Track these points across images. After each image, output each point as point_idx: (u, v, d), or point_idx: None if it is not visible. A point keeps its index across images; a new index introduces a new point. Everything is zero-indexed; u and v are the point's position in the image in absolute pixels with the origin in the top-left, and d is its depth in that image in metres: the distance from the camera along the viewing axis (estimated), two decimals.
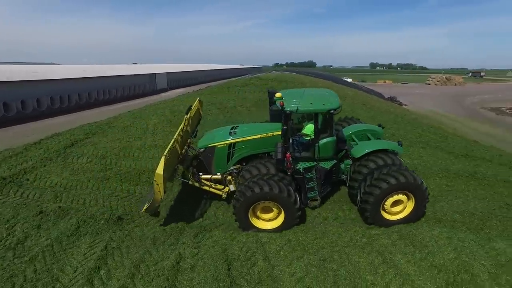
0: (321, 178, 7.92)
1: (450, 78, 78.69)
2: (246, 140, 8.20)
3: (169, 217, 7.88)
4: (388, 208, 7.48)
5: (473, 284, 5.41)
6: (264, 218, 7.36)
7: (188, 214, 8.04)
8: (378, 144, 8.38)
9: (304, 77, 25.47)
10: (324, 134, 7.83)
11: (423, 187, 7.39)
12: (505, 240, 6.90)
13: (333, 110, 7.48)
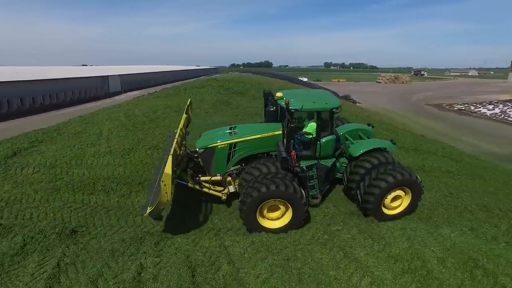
0: (321, 176, 8.10)
1: (398, 77, 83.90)
2: (246, 140, 8.09)
3: (128, 226, 7.54)
4: (388, 204, 7.84)
5: (425, 270, 5.80)
6: (271, 217, 7.29)
7: (147, 221, 7.73)
8: (374, 143, 8.66)
9: (261, 77, 25.73)
10: (324, 132, 8.01)
11: (418, 181, 7.85)
12: (450, 226, 7.51)
13: (335, 108, 7.80)
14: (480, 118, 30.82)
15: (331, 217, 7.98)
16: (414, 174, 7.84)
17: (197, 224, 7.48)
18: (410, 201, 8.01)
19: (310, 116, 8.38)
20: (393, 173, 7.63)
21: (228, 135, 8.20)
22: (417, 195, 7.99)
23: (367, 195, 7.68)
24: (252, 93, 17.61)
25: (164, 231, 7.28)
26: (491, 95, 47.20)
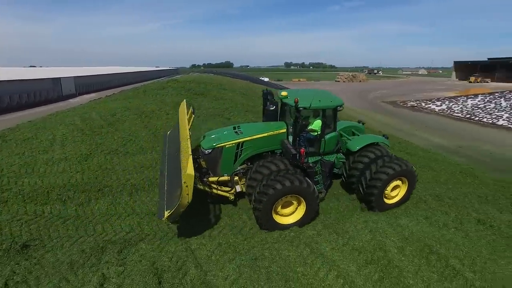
0: (325, 171, 8.34)
1: (356, 76, 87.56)
2: (253, 139, 8.10)
3: (88, 236, 7.14)
4: (388, 194, 8.42)
5: (386, 259, 6.10)
6: (284, 213, 7.39)
7: (109, 229, 7.38)
8: (370, 138, 9.16)
9: (222, 77, 25.58)
10: (328, 129, 8.37)
11: (413, 170, 8.52)
12: (407, 216, 7.94)
13: (339, 106, 8.22)
14: (430, 114, 32.93)
15: None
16: (410, 164, 8.49)
17: (162, 229, 7.26)
18: (406, 189, 8.68)
19: (315, 114, 8.60)
20: (392, 165, 8.16)
21: (235, 135, 8.16)
22: (412, 183, 8.65)
23: (370, 188, 8.14)
24: (214, 93, 17.44)
25: (127, 238, 6.99)
26: (438, 92, 50.62)
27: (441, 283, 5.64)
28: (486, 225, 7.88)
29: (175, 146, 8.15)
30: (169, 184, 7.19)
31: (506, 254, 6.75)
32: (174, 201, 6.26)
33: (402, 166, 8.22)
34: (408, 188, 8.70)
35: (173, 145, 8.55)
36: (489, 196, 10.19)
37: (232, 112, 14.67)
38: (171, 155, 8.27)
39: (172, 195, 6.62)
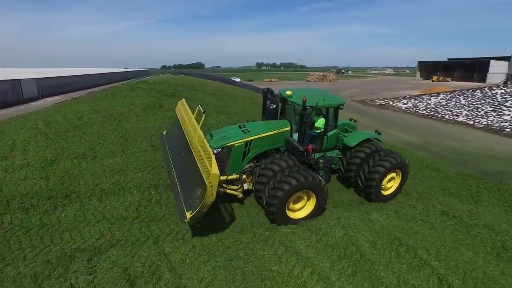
0: (327, 166, 8.72)
1: (326, 75, 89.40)
2: (261, 137, 8.21)
3: (54, 245, 6.77)
4: (384, 186, 9.00)
5: (359, 254, 6.26)
6: (295, 208, 7.64)
7: (77, 236, 7.05)
8: (365, 134, 9.62)
9: (194, 78, 25.30)
10: (330, 127, 8.84)
11: (406, 163, 9.14)
12: (378, 211, 8.21)
13: (341, 105, 8.77)
14: (397, 111, 34.20)
15: None
16: (403, 158, 9.08)
17: (134, 234, 7.04)
18: (400, 180, 9.27)
19: (318, 113, 8.88)
20: (388, 158, 8.71)
21: (242, 133, 8.20)
22: (405, 175, 9.29)
23: (369, 181, 8.62)
24: (185, 95, 17.17)
25: (97, 245, 6.72)
26: (404, 91, 52.66)
27: (410, 273, 5.88)
28: (449, 216, 8.31)
29: (179, 146, 8.12)
30: (183, 185, 7.08)
31: (467, 242, 7.16)
32: (195, 202, 6.17)
33: (397, 159, 8.80)
34: (402, 180, 9.29)
35: (176, 145, 8.46)
36: (452, 189, 10.73)
37: (205, 112, 14.55)
38: (176, 154, 8.21)
39: (191, 196, 6.49)
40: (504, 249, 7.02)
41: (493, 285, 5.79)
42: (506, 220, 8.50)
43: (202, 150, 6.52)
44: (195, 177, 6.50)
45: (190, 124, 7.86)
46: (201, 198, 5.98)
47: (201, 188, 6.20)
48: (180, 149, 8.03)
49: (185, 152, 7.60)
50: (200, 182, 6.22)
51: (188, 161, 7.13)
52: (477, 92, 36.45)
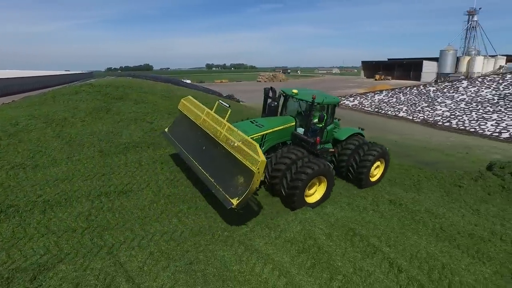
0: (326, 157, 9.89)
1: (276, 75, 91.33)
2: (274, 131, 8.94)
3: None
4: (372, 173, 10.36)
5: (316, 246, 6.48)
6: (309, 194, 8.56)
7: (16, 254, 6.38)
8: (353, 130, 10.79)
9: (142, 81, 24.24)
10: (329, 122, 9.85)
11: (388, 153, 10.69)
12: (332, 204, 8.55)
13: (338, 103, 10.06)
14: (345, 109, 35.95)
15: (230, 211, 8.05)
16: (385, 148, 10.58)
17: (85, 245, 6.58)
18: (383, 168, 10.77)
19: (320, 109, 9.75)
20: (374, 149, 10.15)
21: (258, 128, 8.78)
22: (387, 163, 10.85)
23: (360, 169, 9.88)
24: (133, 97, 16.42)
25: (42, 261, 6.17)
26: (351, 89, 55.56)
27: (364, 260, 6.22)
28: (396, 204, 8.92)
29: (195, 140, 8.48)
30: (217, 176, 7.31)
31: (412, 227, 7.76)
32: (239, 189, 6.61)
33: (382, 149, 10.32)
34: (385, 167, 10.82)
35: (191, 140, 8.72)
36: (397, 179, 11.53)
37: (154, 115, 14.03)
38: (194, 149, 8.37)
39: (231, 185, 6.85)
40: (442, 230, 7.73)
41: (434, 263, 6.35)
42: (442, 204, 9.34)
43: (241, 141, 6.91)
44: (233, 167, 6.94)
45: (212, 119, 8.17)
46: (247, 184, 6.48)
47: (244, 176, 6.66)
48: (197, 143, 8.38)
49: (205, 146, 8.07)
50: (241, 171, 6.70)
51: (217, 153, 7.56)
52: (414, 89, 39.56)
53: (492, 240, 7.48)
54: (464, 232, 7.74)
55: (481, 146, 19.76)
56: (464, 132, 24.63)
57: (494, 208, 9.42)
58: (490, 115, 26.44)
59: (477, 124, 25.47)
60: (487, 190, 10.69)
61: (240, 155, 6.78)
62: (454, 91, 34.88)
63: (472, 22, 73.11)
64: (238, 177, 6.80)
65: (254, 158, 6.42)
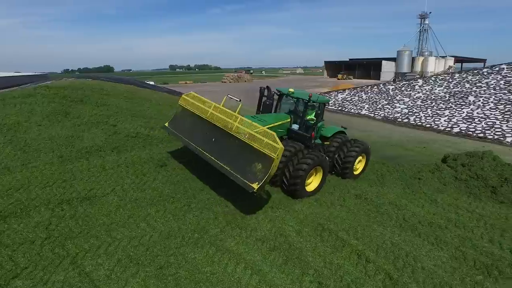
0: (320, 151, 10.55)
1: (241, 76, 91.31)
2: (275, 126, 9.49)
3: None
4: (355, 167, 11.22)
5: (287, 243, 6.58)
6: (308, 183, 9.14)
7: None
8: (337, 128, 11.68)
9: (103, 82, 23.23)
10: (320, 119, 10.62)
11: (369, 149, 11.66)
12: (301, 202, 8.72)
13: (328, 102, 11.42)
14: None
15: (200, 213, 7.94)
16: (367, 144, 11.56)
17: (45, 257, 6.17)
18: (365, 162, 11.73)
19: (312, 107, 10.52)
20: (357, 145, 11.13)
21: (262, 122, 9.16)
22: (368, 157, 11.83)
23: (346, 163, 10.84)
24: (94, 100, 15.68)
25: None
26: (315, 88, 56.81)
27: (334, 254, 6.39)
28: (362, 198, 9.25)
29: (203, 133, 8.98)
30: (232, 163, 7.83)
31: (377, 219, 8.09)
32: (258, 175, 7.24)
33: (364, 145, 11.35)
34: (366, 161, 11.78)
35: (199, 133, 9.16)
36: (362, 174, 11.96)
37: (118, 118, 13.52)
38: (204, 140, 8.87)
39: (249, 171, 7.46)
40: (405, 220, 8.14)
41: (399, 252, 6.67)
42: (404, 196, 9.82)
43: (259, 132, 7.61)
44: (250, 155, 7.55)
45: (221, 112, 8.75)
46: (266, 170, 7.13)
47: (262, 163, 7.29)
48: (205, 136, 8.89)
49: (215, 137, 8.61)
50: (259, 158, 7.35)
51: (231, 144, 8.12)
52: (375, 88, 41.24)
53: (448, 227, 7.98)
54: (424, 221, 8.19)
55: (436, 140, 21.03)
56: (421, 128, 26.05)
57: (449, 198, 10.05)
58: (443, 111, 28.16)
59: (432, 120, 27.03)
60: (442, 181, 11.39)
61: (257, 144, 7.46)
62: (411, 89, 36.78)
63: (424, 25, 77.51)
64: (256, 164, 7.41)
65: (274, 146, 7.13)
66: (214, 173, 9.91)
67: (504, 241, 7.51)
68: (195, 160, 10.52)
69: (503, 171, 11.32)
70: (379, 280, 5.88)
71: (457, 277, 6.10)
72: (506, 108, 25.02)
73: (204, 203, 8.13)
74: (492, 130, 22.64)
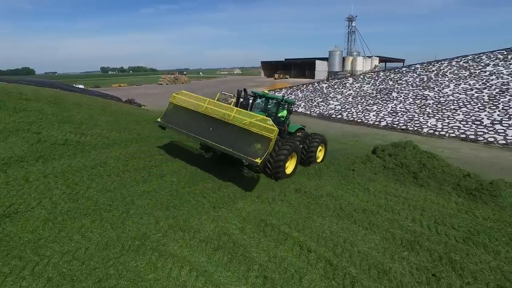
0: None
1: (178, 78, 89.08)
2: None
3: None
4: (317, 155, 13.42)
5: (231, 242, 6.62)
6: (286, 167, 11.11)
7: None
8: (298, 125, 13.62)
9: (22, 86, 20.92)
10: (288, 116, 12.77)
11: (326, 140, 14.01)
12: (243, 199, 8.85)
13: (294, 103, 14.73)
14: None
15: (140, 219, 7.59)
16: (324, 136, 14.04)
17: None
18: (324, 151, 14.10)
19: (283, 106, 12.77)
20: (317, 137, 13.43)
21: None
22: (326, 147, 14.26)
23: (309, 153, 13.02)
24: (12, 105, 13.97)
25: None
26: (253, 88, 57.73)
27: (277, 248, 6.58)
28: (301, 192, 9.65)
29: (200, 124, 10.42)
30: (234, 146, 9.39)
31: (317, 211, 8.51)
32: (259, 152, 9.00)
33: (322, 137, 13.70)
34: (325, 151, 14.11)
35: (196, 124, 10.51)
36: (300, 169, 12.47)
37: (42, 124, 12.28)
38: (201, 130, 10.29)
39: (251, 150, 9.16)
40: (341, 209, 8.68)
41: (337, 239, 7.08)
42: (340, 187, 10.47)
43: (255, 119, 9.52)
44: (250, 138, 9.34)
45: (216, 106, 10.48)
46: (265, 148, 8.97)
47: (261, 143, 9.09)
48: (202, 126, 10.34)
49: (212, 127, 10.13)
50: (258, 139, 9.19)
51: (230, 131, 9.75)
52: (310, 86, 43.22)
53: (379, 212, 8.70)
54: (358, 208, 8.81)
55: (367, 134, 22.77)
56: (353, 122, 27.98)
57: (379, 185, 10.95)
58: (371, 107, 30.56)
59: (363, 115, 29.19)
60: (373, 170, 12.36)
61: (255, 129, 9.29)
62: (343, 87, 39.26)
63: (351, 27, 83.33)
64: (255, 144, 9.16)
65: (270, 129, 9.05)
66: (153, 176, 9.58)
67: (424, 219, 8.42)
68: (132, 165, 10.06)
69: (422, 158, 12.64)
70: (320, 267, 6.19)
71: (388, 256, 6.67)
72: (422, 103, 27.99)
73: (144, 209, 7.81)
74: (412, 122, 25.17)
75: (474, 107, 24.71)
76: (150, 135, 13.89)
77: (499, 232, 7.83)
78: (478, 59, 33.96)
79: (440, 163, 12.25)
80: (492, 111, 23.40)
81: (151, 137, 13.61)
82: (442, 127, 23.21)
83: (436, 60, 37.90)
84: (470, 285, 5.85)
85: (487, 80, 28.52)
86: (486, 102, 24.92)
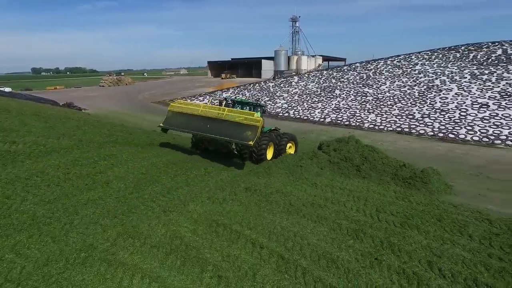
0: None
1: (121, 79, 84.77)
2: None
3: None
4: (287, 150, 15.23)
5: (184, 244, 6.60)
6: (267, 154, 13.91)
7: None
8: (271, 126, 15.70)
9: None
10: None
11: (295, 137, 16.27)
12: (193, 201, 8.83)
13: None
14: None
15: (85, 229, 7.17)
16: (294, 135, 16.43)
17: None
18: (294, 147, 15.97)
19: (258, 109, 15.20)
20: (287, 135, 15.54)
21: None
22: (297, 142, 16.20)
23: (280, 147, 14.79)
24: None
25: None
26: (200, 88, 57.07)
27: (231, 247, 6.69)
28: (251, 190, 9.86)
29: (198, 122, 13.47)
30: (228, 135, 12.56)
31: (267, 208, 8.77)
32: (250, 136, 12.08)
33: (292, 136, 16.01)
34: (296, 146, 16.04)
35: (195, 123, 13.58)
36: (250, 168, 12.69)
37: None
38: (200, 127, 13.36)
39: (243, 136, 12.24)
40: (291, 205, 9.03)
41: (288, 234, 7.38)
42: (289, 184, 10.86)
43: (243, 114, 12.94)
44: (241, 128, 12.48)
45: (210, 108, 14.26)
46: (254, 134, 12.11)
47: (251, 130, 12.22)
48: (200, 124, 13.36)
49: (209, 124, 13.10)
50: (248, 128, 12.35)
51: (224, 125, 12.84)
52: (256, 85, 43.87)
53: (326, 205, 9.20)
54: (307, 203, 9.23)
55: (313, 131, 23.78)
56: (299, 120, 29.00)
57: (326, 179, 11.56)
58: (316, 104, 31.91)
59: (308, 112, 30.36)
60: (320, 165, 12.98)
61: (245, 121, 12.51)
62: (289, 85, 40.44)
63: (295, 27, 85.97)
64: (246, 131, 12.22)
65: (256, 119, 12.47)
66: (98, 184, 9.12)
67: (366, 208, 9.10)
68: (74, 173, 9.47)
69: (364, 152, 13.57)
70: (273, 262, 6.41)
71: (335, 245, 7.10)
72: (362, 99, 29.91)
73: (90, 218, 7.39)
74: (354, 118, 26.79)
75: (407, 102, 26.99)
76: (92, 140, 13.12)
77: (429, 214, 8.76)
78: (409, 58, 37.18)
79: (380, 156, 13.26)
80: (422, 106, 25.77)
81: (94, 142, 12.84)
82: (381, 122, 25.02)
83: (373, 59, 40.72)
84: (406, 264, 6.48)
85: (416, 77, 31.30)
86: (417, 97, 27.36)
